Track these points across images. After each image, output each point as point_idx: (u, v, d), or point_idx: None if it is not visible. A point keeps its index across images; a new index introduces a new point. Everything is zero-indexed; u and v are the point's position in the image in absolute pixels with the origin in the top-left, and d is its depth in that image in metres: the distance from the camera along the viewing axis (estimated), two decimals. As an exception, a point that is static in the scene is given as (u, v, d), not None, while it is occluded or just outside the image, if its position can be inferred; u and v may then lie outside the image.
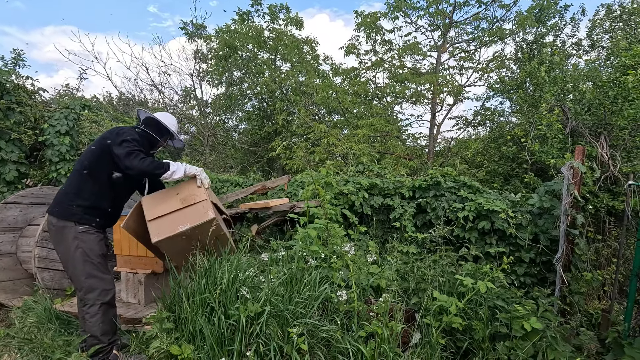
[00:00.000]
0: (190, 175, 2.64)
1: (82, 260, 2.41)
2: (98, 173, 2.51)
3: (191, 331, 2.19)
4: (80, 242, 2.42)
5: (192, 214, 2.51)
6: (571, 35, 9.14)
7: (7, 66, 5.58)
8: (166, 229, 2.44)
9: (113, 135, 2.52)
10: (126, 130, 2.57)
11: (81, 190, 2.49)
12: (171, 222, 2.47)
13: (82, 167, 2.52)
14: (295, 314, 2.26)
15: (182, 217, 2.49)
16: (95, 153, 2.53)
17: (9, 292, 4.07)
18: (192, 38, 11.78)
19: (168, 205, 2.56)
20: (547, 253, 3.71)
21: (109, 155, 2.49)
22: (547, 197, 3.81)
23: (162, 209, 2.53)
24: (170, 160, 3.06)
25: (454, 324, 2.52)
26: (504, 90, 8.11)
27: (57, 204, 2.51)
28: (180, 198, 2.59)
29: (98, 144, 2.56)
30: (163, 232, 2.43)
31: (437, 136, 10.01)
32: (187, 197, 2.60)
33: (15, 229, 4.24)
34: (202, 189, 2.66)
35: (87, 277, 2.41)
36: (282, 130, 11.06)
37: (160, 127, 2.83)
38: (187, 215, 2.50)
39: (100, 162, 2.51)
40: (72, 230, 2.43)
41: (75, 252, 2.41)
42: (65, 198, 2.49)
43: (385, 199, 4.62)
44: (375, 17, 9.65)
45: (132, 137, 2.52)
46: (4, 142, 5.06)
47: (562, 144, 5.15)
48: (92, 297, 2.40)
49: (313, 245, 2.78)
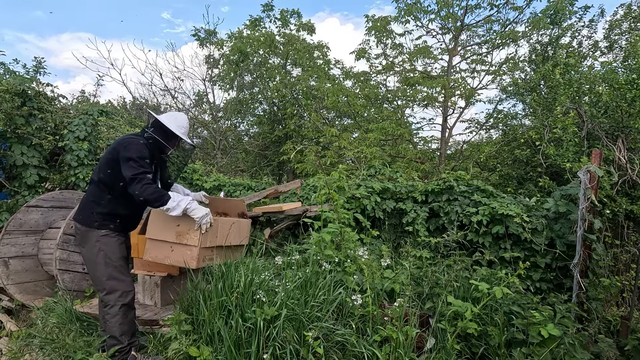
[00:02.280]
0: (190, 216, 2.51)
1: (103, 262, 2.50)
2: (112, 182, 2.56)
3: (209, 333, 2.23)
4: (102, 245, 2.51)
5: (178, 254, 2.59)
6: (588, 37, 9.00)
7: (29, 74, 5.76)
8: (157, 254, 2.62)
9: (122, 148, 2.49)
10: (134, 143, 2.51)
11: (98, 198, 2.58)
12: (162, 250, 2.62)
13: (98, 177, 2.61)
14: (311, 318, 2.28)
15: (171, 252, 2.61)
16: (108, 163, 2.57)
17: (30, 293, 4.19)
18: (204, 44, 11.99)
19: (165, 232, 2.62)
20: (563, 258, 3.66)
21: (119, 166, 2.49)
22: (562, 201, 3.76)
23: (161, 234, 2.62)
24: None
25: (469, 329, 2.51)
26: (517, 93, 8.02)
27: (80, 212, 2.63)
28: (176, 231, 2.60)
29: (109, 154, 2.57)
30: (152, 255, 2.64)
31: (449, 139, 9.95)
32: (182, 233, 2.58)
33: (36, 231, 4.36)
34: (199, 233, 2.56)
35: (108, 279, 2.49)
36: (292, 134, 11.13)
37: (166, 132, 2.73)
38: (175, 252, 2.61)
39: (113, 172, 2.54)
40: (95, 234, 2.53)
41: (98, 255, 2.51)
42: (87, 206, 2.60)
43: (397, 203, 4.62)
44: (386, 21, 9.67)
45: (139, 155, 2.46)
46: (26, 147, 5.21)
47: (578, 147, 5.08)
48: (113, 299, 2.47)
49: (327, 249, 2.81)
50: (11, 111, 5.02)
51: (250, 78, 12.41)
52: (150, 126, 2.78)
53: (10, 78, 5.36)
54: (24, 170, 5.18)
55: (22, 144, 5.20)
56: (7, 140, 5.19)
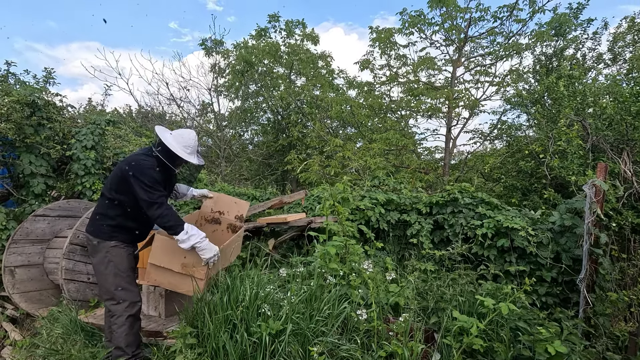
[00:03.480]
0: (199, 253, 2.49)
1: (112, 273, 2.54)
2: (121, 200, 2.60)
3: (214, 347, 2.23)
4: (111, 256, 2.56)
5: (183, 284, 2.63)
6: (592, 49, 9.04)
7: (38, 84, 5.86)
8: (159, 279, 2.64)
9: (134, 170, 2.48)
10: (146, 167, 2.52)
11: (108, 211, 2.63)
12: (165, 276, 2.63)
13: (108, 193, 2.65)
14: (316, 332, 2.28)
15: (175, 280, 2.64)
16: (118, 182, 2.59)
17: (35, 302, 4.20)
18: (210, 53, 12.15)
19: (171, 261, 2.60)
20: (569, 273, 3.63)
21: (129, 185, 2.50)
22: (568, 215, 3.75)
23: (165, 261, 2.60)
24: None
25: (474, 345, 2.49)
26: (521, 104, 8.04)
27: (91, 223, 2.68)
28: (182, 263, 2.60)
29: (120, 172, 2.57)
30: (152, 278, 2.64)
31: (453, 150, 9.96)
32: (189, 265, 2.60)
33: (43, 240, 4.40)
34: (206, 268, 2.56)
35: (116, 289, 2.52)
36: (296, 143, 11.19)
37: (171, 154, 2.68)
38: (179, 281, 2.63)
39: (122, 190, 2.57)
40: (105, 245, 2.58)
41: (108, 266, 2.55)
42: (97, 218, 2.66)
43: (401, 214, 4.62)
44: (390, 33, 9.77)
45: (152, 180, 2.48)
46: (34, 156, 5.28)
47: (583, 159, 5.07)
48: (120, 309, 2.49)
49: (332, 262, 2.81)
50: (21, 121, 5.10)
51: (255, 87, 12.54)
52: (157, 145, 2.72)
53: (21, 88, 5.45)
54: (32, 179, 5.24)
55: (31, 153, 5.27)
56: (15, 149, 5.27)
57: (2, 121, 4.94)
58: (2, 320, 4.32)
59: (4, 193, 5.34)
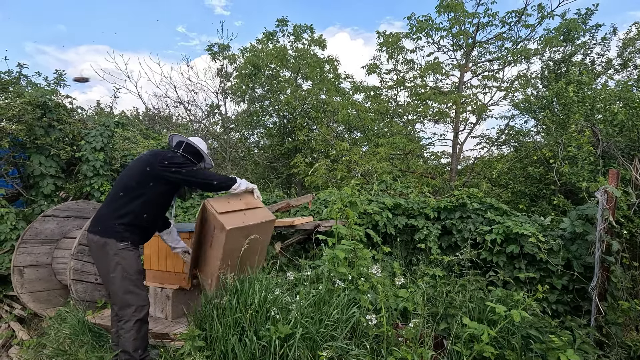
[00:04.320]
0: (250, 189, 2.94)
1: (121, 276, 2.50)
2: (141, 192, 2.63)
3: (222, 350, 2.22)
4: (120, 258, 2.51)
5: (256, 214, 2.92)
6: (601, 54, 8.97)
7: (49, 86, 5.93)
8: (236, 221, 2.74)
9: (163, 161, 2.65)
10: (176, 156, 2.77)
11: (121, 208, 2.61)
12: (240, 217, 2.80)
13: (123, 187, 2.65)
14: (325, 337, 2.26)
15: (249, 216, 2.86)
16: (142, 173, 2.65)
17: (42, 302, 4.22)
18: (217, 57, 12.25)
19: (234, 205, 2.87)
20: (580, 280, 3.57)
21: (150, 179, 2.62)
22: (579, 221, 3.70)
23: (231, 206, 2.83)
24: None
25: (485, 352, 2.45)
26: (530, 110, 7.98)
27: (99, 223, 2.62)
28: (244, 202, 2.94)
29: (139, 169, 2.68)
30: (234, 223, 2.71)
31: (460, 155, 9.91)
32: (249, 202, 2.97)
33: (52, 240, 4.43)
34: (259, 200, 3.01)
35: (124, 293, 2.49)
36: (302, 147, 11.21)
37: (198, 154, 2.96)
38: (253, 214, 2.90)
39: (141, 185, 2.63)
40: (113, 246, 2.52)
41: (116, 269, 2.51)
42: (107, 217, 2.61)
43: (409, 219, 4.59)
44: (398, 38, 9.78)
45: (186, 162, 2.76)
46: (44, 157, 5.34)
47: (593, 166, 5.02)
48: (129, 313, 2.47)
49: (340, 266, 2.79)
50: (32, 122, 5.16)
51: (262, 91, 12.60)
52: (178, 145, 2.95)
53: (32, 90, 5.52)
54: (41, 179, 5.29)
55: (41, 154, 5.32)
56: (26, 150, 5.33)
57: (14, 122, 5.00)
58: (10, 319, 4.35)
59: (13, 193, 5.39)
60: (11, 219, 4.67)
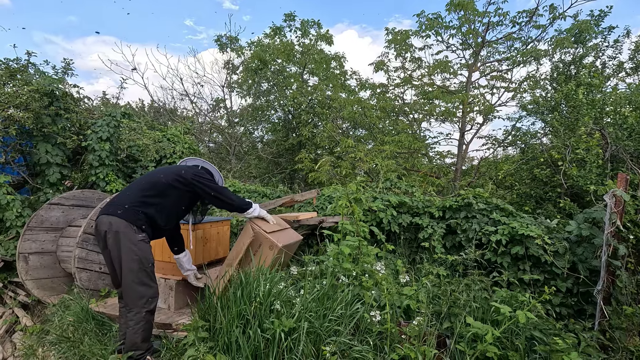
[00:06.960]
0: (262, 216, 3.17)
1: (137, 267, 2.48)
2: (163, 193, 2.72)
3: (226, 342, 2.22)
4: (138, 250, 2.50)
5: (290, 235, 3.37)
6: (612, 57, 8.85)
7: (57, 75, 5.94)
8: (283, 240, 3.12)
9: (196, 174, 2.84)
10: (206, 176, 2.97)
11: (145, 200, 2.65)
12: (283, 236, 3.20)
13: (149, 184, 2.71)
14: (328, 332, 2.25)
15: (286, 235, 3.28)
16: (167, 176, 2.76)
17: (47, 289, 4.25)
18: (225, 49, 12.22)
19: (273, 226, 3.23)
20: (585, 283, 3.55)
21: (180, 184, 2.77)
22: (586, 224, 3.67)
23: (272, 227, 3.21)
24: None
25: (488, 352, 2.44)
26: (538, 112, 7.90)
27: (119, 207, 2.56)
28: (277, 224, 3.31)
29: (172, 171, 2.84)
30: (283, 241, 3.08)
31: (465, 155, 9.85)
32: (280, 223, 3.39)
33: (57, 229, 4.45)
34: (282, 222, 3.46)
35: (139, 284, 2.49)
36: (306, 143, 11.18)
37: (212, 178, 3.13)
38: (288, 234, 3.34)
39: (169, 187, 2.74)
40: (132, 236, 2.49)
41: (133, 260, 2.48)
42: (130, 203, 2.59)
43: (413, 217, 4.57)
44: (406, 35, 9.70)
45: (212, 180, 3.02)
46: (50, 145, 5.35)
47: (601, 169, 4.96)
48: (140, 304, 2.47)
49: (345, 262, 2.78)
50: (39, 110, 5.17)
51: (267, 85, 12.56)
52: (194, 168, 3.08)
53: (40, 78, 5.53)
54: (48, 168, 5.31)
55: (47, 142, 5.34)
56: (32, 138, 5.34)
57: (21, 110, 5.01)
58: (14, 305, 4.38)
59: (19, 181, 5.42)
60: (17, 206, 4.70)
